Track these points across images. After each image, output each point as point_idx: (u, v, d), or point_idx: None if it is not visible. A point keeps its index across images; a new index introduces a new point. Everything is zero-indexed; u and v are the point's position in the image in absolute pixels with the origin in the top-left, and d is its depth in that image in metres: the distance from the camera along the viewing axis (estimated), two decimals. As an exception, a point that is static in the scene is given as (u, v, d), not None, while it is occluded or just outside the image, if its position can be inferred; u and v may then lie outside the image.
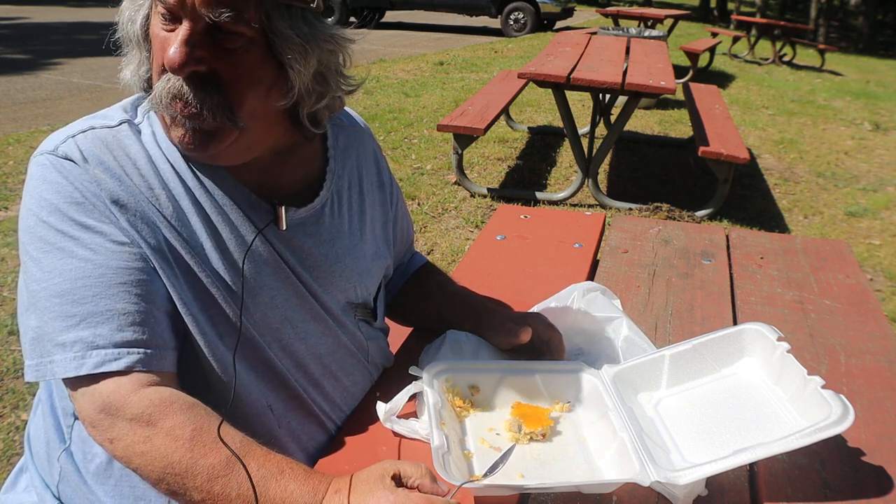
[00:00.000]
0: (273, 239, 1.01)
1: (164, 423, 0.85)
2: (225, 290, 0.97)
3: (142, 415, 0.85)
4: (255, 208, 1.00)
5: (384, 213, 1.22)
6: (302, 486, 0.84)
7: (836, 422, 0.91)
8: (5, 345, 2.67)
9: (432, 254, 3.77)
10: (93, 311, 0.87)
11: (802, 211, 4.89)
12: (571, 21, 16.65)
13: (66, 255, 0.88)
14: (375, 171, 1.22)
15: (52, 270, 0.88)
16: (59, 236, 0.89)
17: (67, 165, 0.91)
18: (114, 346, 0.87)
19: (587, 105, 6.73)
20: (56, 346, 0.87)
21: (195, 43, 0.86)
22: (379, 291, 1.22)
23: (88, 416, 0.87)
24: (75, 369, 0.86)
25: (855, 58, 16.73)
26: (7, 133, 5.51)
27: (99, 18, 12.97)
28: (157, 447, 0.84)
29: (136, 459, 0.85)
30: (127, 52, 0.97)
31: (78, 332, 0.86)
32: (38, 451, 1.06)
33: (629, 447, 0.95)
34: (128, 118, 0.98)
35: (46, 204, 0.90)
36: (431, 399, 1.01)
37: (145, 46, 0.95)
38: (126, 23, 0.94)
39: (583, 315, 1.30)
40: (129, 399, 0.86)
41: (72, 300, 0.87)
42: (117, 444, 0.86)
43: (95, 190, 0.90)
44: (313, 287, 1.06)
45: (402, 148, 5.58)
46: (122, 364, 0.87)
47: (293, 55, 0.90)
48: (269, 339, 1.02)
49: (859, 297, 1.54)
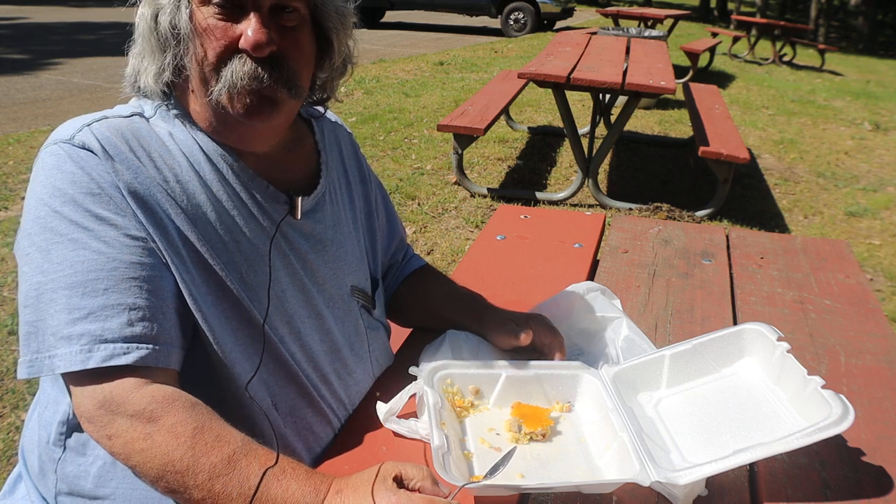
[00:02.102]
0: (287, 229, 1.04)
1: (166, 419, 0.85)
2: (239, 282, 0.97)
3: (143, 411, 0.85)
4: (272, 199, 1.03)
5: (367, 204, 1.25)
6: (303, 486, 0.84)
7: (836, 422, 0.91)
8: (5, 345, 2.67)
9: (432, 254, 3.77)
10: (103, 305, 0.86)
11: (802, 211, 4.89)
12: (571, 21, 16.66)
13: (79, 246, 0.87)
14: (357, 165, 1.26)
15: (62, 262, 0.86)
16: (72, 227, 0.87)
17: (84, 155, 0.90)
18: (123, 341, 0.86)
19: (587, 105, 6.73)
20: (61, 339, 0.85)
21: (267, 24, 0.93)
22: (377, 286, 1.24)
23: (87, 411, 0.86)
24: (82, 363, 0.85)
25: (855, 58, 16.73)
26: (7, 133, 5.51)
27: (99, 18, 12.98)
28: (158, 444, 0.84)
29: (136, 457, 0.84)
30: (143, 58, 0.96)
31: (86, 325, 0.85)
32: (32, 463, 1.05)
33: (629, 447, 0.95)
34: (138, 111, 0.98)
35: (60, 194, 0.88)
36: (431, 399, 1.01)
37: (181, 44, 0.93)
38: (163, 23, 0.92)
39: (583, 315, 1.30)
40: (131, 395, 0.85)
41: (82, 293, 0.86)
42: (116, 441, 0.85)
43: (113, 181, 0.89)
44: (323, 274, 1.09)
45: (402, 148, 5.58)
46: (131, 358, 0.86)
47: (336, 27, 1.00)
48: (283, 332, 1.03)
49: (859, 297, 1.54)
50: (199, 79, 0.95)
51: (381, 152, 5.42)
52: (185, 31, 0.92)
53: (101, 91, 7.14)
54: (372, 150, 5.44)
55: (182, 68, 0.95)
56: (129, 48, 0.99)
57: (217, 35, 0.93)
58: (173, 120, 0.99)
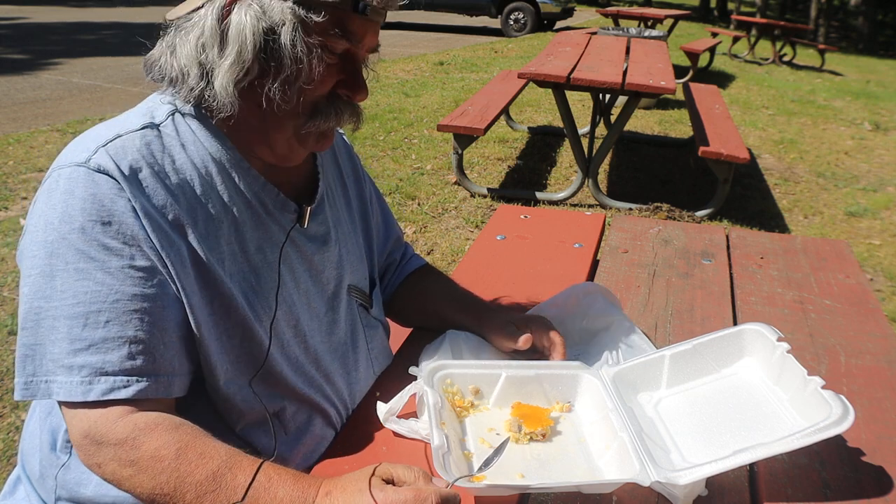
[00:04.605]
0: (294, 234, 1.06)
1: (149, 445, 0.85)
2: (248, 290, 0.98)
3: (126, 440, 0.85)
4: (281, 208, 1.04)
5: (362, 204, 1.26)
6: (291, 491, 0.84)
7: (836, 422, 0.91)
8: (5, 345, 2.67)
9: (432, 254, 3.77)
10: (104, 337, 0.86)
11: (802, 211, 4.89)
12: (571, 21, 16.66)
13: (83, 276, 0.86)
14: (351, 165, 1.27)
15: (64, 291, 0.86)
16: (78, 256, 0.87)
17: (100, 179, 0.88)
18: (123, 374, 0.86)
19: (587, 105, 6.74)
20: (61, 367, 0.86)
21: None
22: (374, 285, 1.25)
23: (76, 440, 0.88)
24: (82, 394, 0.85)
25: (855, 58, 16.74)
26: (7, 133, 5.51)
27: (99, 18, 12.99)
28: (143, 470, 0.85)
29: (125, 483, 0.86)
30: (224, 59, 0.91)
31: (86, 356, 0.86)
32: (32, 467, 1.04)
33: (629, 447, 0.95)
34: (149, 122, 0.96)
35: (70, 220, 0.87)
36: (431, 399, 1.01)
37: (287, 67, 0.91)
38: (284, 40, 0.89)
39: (583, 315, 1.30)
40: (114, 426, 0.86)
41: (83, 324, 0.86)
42: (105, 469, 0.87)
43: (128, 205, 0.88)
44: (326, 275, 1.10)
45: (402, 148, 5.58)
46: (131, 392, 0.87)
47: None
48: (289, 335, 1.04)
49: (859, 297, 1.54)
50: (293, 103, 0.94)
51: (380, 152, 5.42)
52: (301, 55, 0.90)
53: (102, 91, 7.14)
54: (372, 150, 5.44)
55: (283, 88, 0.92)
56: (177, 41, 0.94)
57: (327, 72, 0.95)
58: (186, 125, 0.97)
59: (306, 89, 0.94)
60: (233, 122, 0.96)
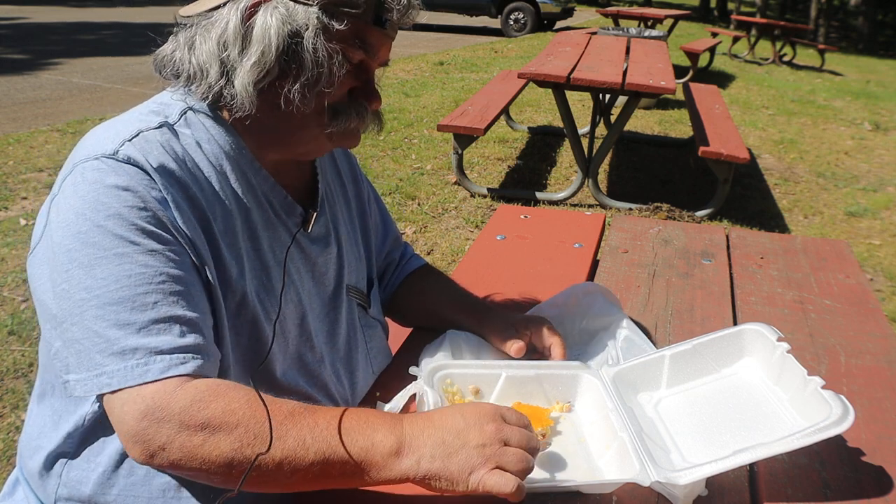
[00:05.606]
0: (299, 236, 1.07)
1: (216, 403, 0.81)
2: (259, 288, 0.99)
3: (190, 404, 0.81)
4: (288, 211, 1.05)
5: (360, 204, 1.27)
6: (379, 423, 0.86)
7: (836, 422, 0.91)
8: (5, 345, 2.67)
9: (432, 254, 3.77)
10: (154, 318, 0.84)
11: (802, 211, 4.89)
12: (571, 21, 16.67)
13: (126, 260, 0.85)
14: (348, 165, 1.27)
15: (107, 277, 0.84)
16: (117, 241, 0.85)
17: (130, 170, 0.87)
18: (179, 352, 0.84)
19: (587, 105, 6.74)
20: (111, 355, 0.82)
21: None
22: (372, 285, 1.26)
23: (132, 431, 0.82)
24: (140, 376, 0.82)
25: (855, 58, 16.74)
26: (7, 133, 5.51)
27: (99, 18, 12.99)
28: (218, 428, 0.80)
29: (199, 452, 0.80)
30: (252, 62, 0.91)
31: (139, 339, 0.83)
32: (31, 468, 1.04)
33: (629, 447, 0.95)
34: (165, 120, 0.95)
35: (105, 207, 0.85)
36: (431, 399, 1.01)
37: (309, 70, 0.92)
38: (307, 44, 0.90)
39: (583, 315, 1.30)
40: (174, 395, 0.82)
41: (131, 307, 0.83)
42: (171, 448, 0.80)
43: (158, 196, 0.88)
44: (328, 275, 1.12)
45: (402, 148, 5.58)
46: (189, 368, 0.83)
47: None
48: (294, 333, 1.05)
49: (859, 297, 1.54)
50: (311, 106, 0.95)
51: (380, 152, 5.43)
52: (323, 59, 0.91)
53: (102, 91, 7.14)
54: (372, 150, 5.45)
55: (303, 91, 0.93)
56: (197, 38, 0.93)
57: (348, 78, 0.96)
58: (200, 123, 0.97)
59: (326, 93, 0.94)
60: (248, 122, 0.96)
